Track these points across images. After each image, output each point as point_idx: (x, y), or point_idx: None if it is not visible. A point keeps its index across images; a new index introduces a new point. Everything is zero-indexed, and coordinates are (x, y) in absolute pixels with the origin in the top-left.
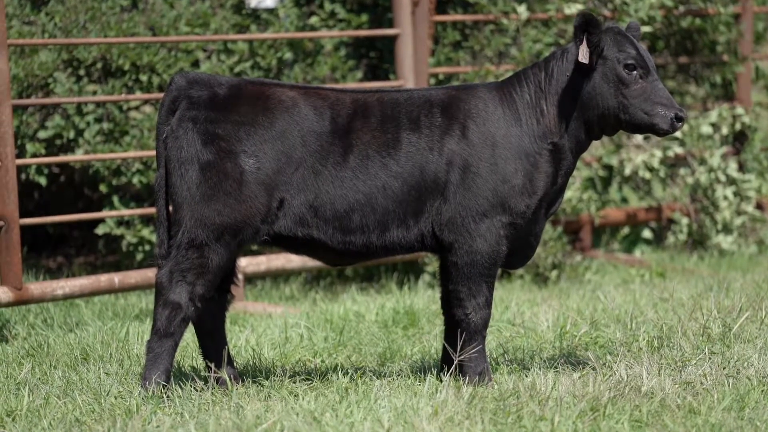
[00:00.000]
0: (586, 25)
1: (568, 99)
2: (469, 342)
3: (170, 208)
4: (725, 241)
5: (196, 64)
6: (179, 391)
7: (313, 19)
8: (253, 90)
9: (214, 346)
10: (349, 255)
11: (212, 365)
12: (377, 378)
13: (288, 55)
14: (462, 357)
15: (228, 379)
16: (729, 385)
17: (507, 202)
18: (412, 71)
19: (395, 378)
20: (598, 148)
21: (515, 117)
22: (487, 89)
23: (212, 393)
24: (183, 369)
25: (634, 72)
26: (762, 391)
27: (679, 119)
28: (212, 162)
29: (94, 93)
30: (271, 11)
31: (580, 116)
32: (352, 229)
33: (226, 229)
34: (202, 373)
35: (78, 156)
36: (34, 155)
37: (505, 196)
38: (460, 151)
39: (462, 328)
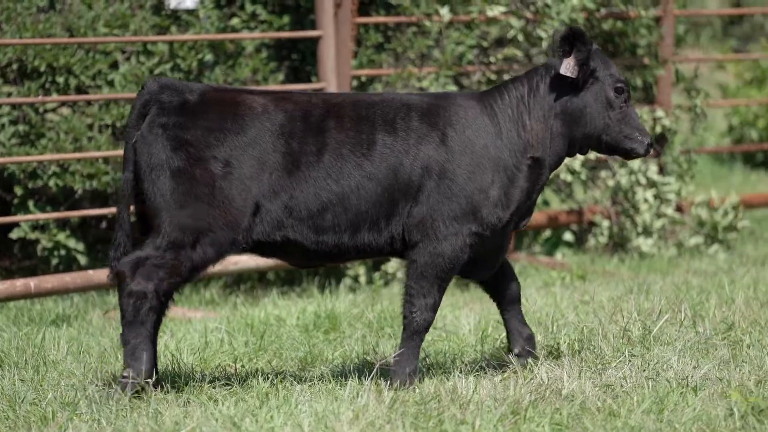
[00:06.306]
0: (573, 39)
1: (554, 115)
2: (408, 341)
3: (129, 211)
4: (645, 244)
5: (114, 65)
6: (96, 396)
7: (234, 21)
8: (224, 97)
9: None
10: (320, 255)
11: None
12: (298, 383)
13: (209, 57)
14: (396, 355)
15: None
16: (648, 388)
17: (479, 211)
18: (334, 73)
19: (316, 382)
20: None
21: (496, 129)
22: (466, 98)
23: (130, 398)
24: (100, 374)
25: (622, 95)
26: (681, 393)
27: (651, 145)
28: (182, 168)
29: (9, 95)
30: (192, 12)
31: (566, 133)
32: (325, 229)
33: (202, 234)
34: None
35: None
36: None
37: (478, 206)
38: (437, 157)
39: (404, 325)
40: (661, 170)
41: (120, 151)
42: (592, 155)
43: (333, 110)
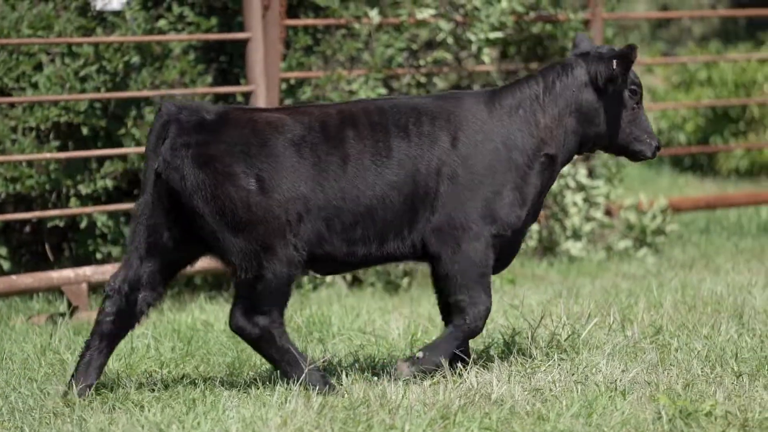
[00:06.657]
0: (632, 58)
1: (570, 113)
2: (451, 335)
3: (145, 235)
4: (574, 247)
5: (39, 67)
6: (19, 404)
7: (161, 23)
8: (240, 114)
9: (97, 354)
10: (349, 266)
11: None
12: (226, 388)
13: (135, 59)
14: (437, 342)
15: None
16: (577, 392)
17: (497, 213)
18: (263, 76)
19: (244, 388)
20: None
21: (506, 129)
22: (477, 99)
23: (53, 405)
24: (23, 381)
25: (635, 97)
26: (609, 396)
27: (659, 148)
28: (215, 187)
29: None
30: (118, 14)
31: (579, 131)
32: (355, 240)
33: (263, 252)
34: (43, 386)
35: None
36: None
37: (494, 208)
38: (450, 161)
39: (455, 325)
40: (590, 174)
41: (45, 154)
42: None
43: (348, 119)
